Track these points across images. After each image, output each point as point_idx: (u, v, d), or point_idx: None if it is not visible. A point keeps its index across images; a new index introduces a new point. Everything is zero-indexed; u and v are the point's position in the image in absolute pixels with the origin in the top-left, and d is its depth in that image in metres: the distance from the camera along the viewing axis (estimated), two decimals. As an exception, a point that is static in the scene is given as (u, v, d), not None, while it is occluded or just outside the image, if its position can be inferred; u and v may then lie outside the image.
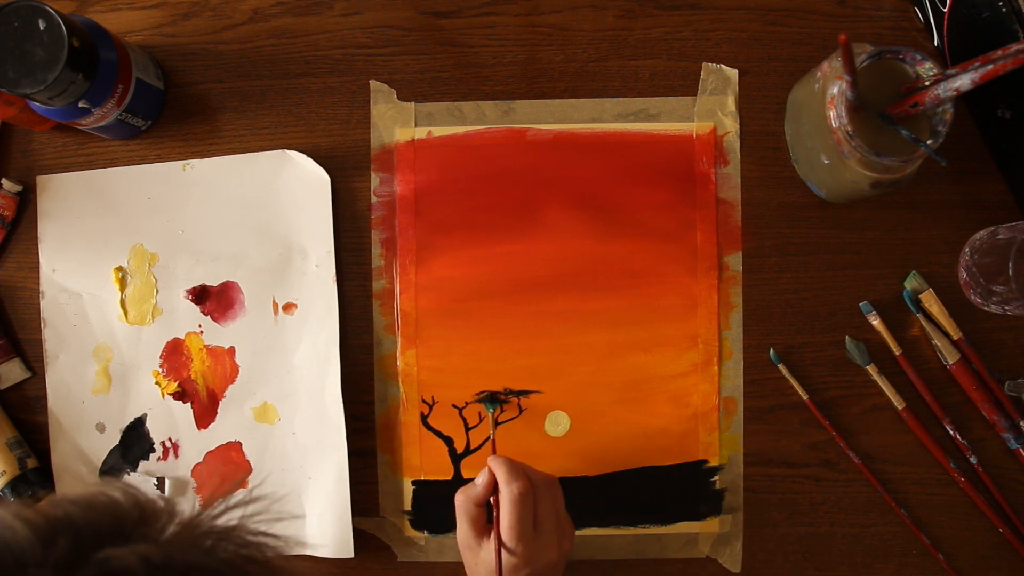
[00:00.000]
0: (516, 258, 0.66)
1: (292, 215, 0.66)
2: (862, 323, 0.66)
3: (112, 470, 0.67)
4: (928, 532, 0.66)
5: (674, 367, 0.66)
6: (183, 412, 0.67)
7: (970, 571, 0.66)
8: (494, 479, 0.57)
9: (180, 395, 0.66)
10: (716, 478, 0.66)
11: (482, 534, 0.56)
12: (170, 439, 0.67)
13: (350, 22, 0.67)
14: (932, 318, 0.65)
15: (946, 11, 0.61)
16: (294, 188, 0.66)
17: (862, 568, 0.66)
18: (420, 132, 0.67)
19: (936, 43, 0.64)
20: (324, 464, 0.65)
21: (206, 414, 0.67)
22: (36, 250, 0.67)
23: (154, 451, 0.67)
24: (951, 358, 0.64)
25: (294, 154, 0.66)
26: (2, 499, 0.65)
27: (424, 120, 0.67)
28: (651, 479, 0.66)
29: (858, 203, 0.66)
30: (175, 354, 0.67)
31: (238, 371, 0.66)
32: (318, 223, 0.66)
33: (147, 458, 0.67)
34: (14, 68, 0.55)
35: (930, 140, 0.55)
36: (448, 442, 0.66)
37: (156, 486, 0.66)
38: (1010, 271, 0.58)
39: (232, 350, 0.66)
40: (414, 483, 0.66)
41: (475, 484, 0.58)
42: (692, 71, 0.66)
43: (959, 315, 0.65)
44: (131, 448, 0.67)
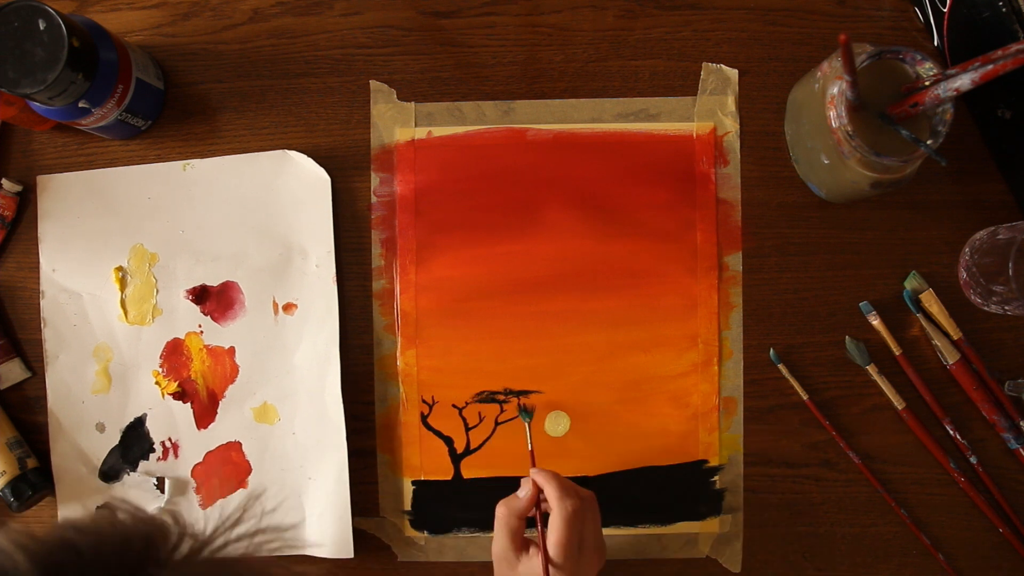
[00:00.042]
0: (516, 258, 0.66)
1: (292, 215, 0.66)
2: (862, 323, 0.66)
3: (112, 470, 0.67)
4: (928, 532, 0.66)
5: (674, 367, 0.66)
6: (183, 412, 0.67)
7: (970, 571, 0.66)
8: (537, 492, 0.57)
9: (180, 395, 0.66)
10: (716, 478, 0.66)
11: (521, 548, 0.55)
12: (170, 439, 0.67)
13: (350, 22, 0.67)
14: (932, 318, 0.65)
15: (946, 11, 0.61)
16: (294, 188, 0.66)
17: (862, 568, 0.66)
18: (420, 132, 0.67)
19: (936, 43, 0.64)
20: (324, 464, 0.65)
21: (206, 414, 0.67)
22: (36, 250, 0.67)
23: (154, 451, 0.67)
24: (951, 358, 0.64)
25: (294, 154, 0.66)
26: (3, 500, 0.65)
27: (424, 120, 0.67)
28: (651, 479, 0.66)
29: (858, 203, 0.66)
30: (175, 354, 0.67)
31: (238, 371, 0.66)
32: (318, 223, 0.66)
33: (147, 458, 0.67)
34: (14, 68, 0.55)
35: (930, 140, 0.55)
36: (448, 442, 0.66)
37: (156, 486, 0.66)
38: (1010, 271, 0.58)
39: (232, 350, 0.66)
40: (414, 483, 0.66)
41: (518, 497, 0.57)
42: (692, 71, 0.66)
43: (959, 315, 0.65)
44: (131, 448, 0.67)
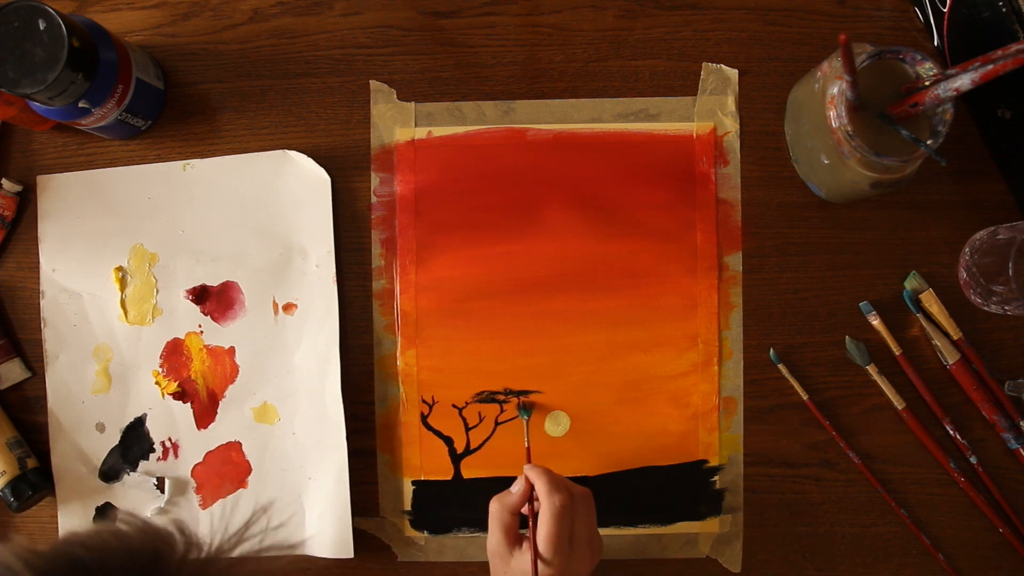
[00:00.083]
0: (516, 258, 0.66)
1: (292, 215, 0.66)
2: (862, 323, 0.66)
3: (112, 470, 0.67)
4: (928, 532, 0.66)
5: (674, 367, 0.66)
6: (183, 412, 0.67)
7: (970, 571, 0.66)
8: (530, 488, 0.57)
9: (180, 395, 0.66)
10: (716, 478, 0.66)
11: (514, 543, 0.56)
12: (170, 439, 0.67)
13: (350, 22, 0.67)
14: (932, 318, 0.65)
15: (946, 11, 0.61)
16: (294, 188, 0.66)
17: (862, 568, 0.66)
18: (420, 132, 0.67)
19: (936, 43, 0.64)
20: (324, 464, 0.65)
21: (206, 414, 0.67)
22: (36, 250, 0.67)
23: (154, 451, 0.67)
24: (951, 358, 0.64)
25: (294, 154, 0.66)
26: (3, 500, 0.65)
27: (424, 120, 0.67)
28: (651, 479, 0.66)
29: (858, 203, 0.66)
30: (175, 354, 0.67)
31: (238, 371, 0.66)
32: (318, 223, 0.66)
33: (147, 458, 0.67)
34: (14, 68, 0.55)
35: (930, 140, 0.55)
36: (448, 442, 0.66)
37: (156, 486, 0.66)
38: (1010, 271, 0.58)
39: (232, 350, 0.66)
40: (414, 483, 0.66)
41: (511, 492, 0.57)
42: (692, 71, 0.66)
43: (959, 315, 0.65)
44: (131, 448, 0.67)
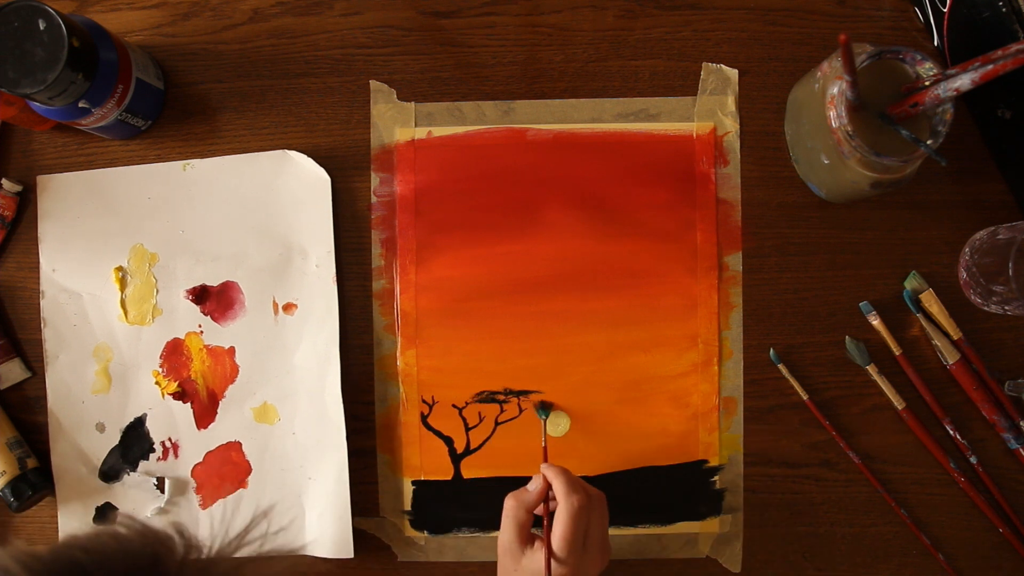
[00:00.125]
0: (516, 258, 0.66)
1: (292, 215, 0.66)
2: (862, 323, 0.66)
3: (112, 470, 0.67)
4: (928, 532, 0.66)
5: (674, 367, 0.66)
6: (183, 412, 0.67)
7: (970, 571, 0.66)
8: (547, 487, 0.57)
9: (180, 395, 0.66)
10: (716, 478, 0.66)
11: (526, 541, 0.56)
12: (170, 439, 0.67)
13: (350, 22, 0.67)
14: (932, 318, 0.65)
15: (946, 11, 0.61)
16: (294, 188, 0.66)
17: (862, 568, 0.66)
18: (420, 132, 0.67)
19: (936, 43, 0.64)
20: (324, 464, 0.65)
21: (206, 414, 0.67)
22: (36, 250, 0.67)
23: (154, 451, 0.67)
24: (951, 358, 0.64)
25: (294, 154, 0.66)
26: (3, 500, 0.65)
27: (424, 120, 0.67)
28: (651, 479, 0.66)
29: (858, 203, 0.66)
30: (175, 354, 0.67)
31: (238, 371, 0.66)
32: (318, 223, 0.66)
33: (147, 458, 0.67)
34: (14, 68, 0.55)
35: (930, 140, 0.55)
36: (448, 442, 0.66)
37: (156, 486, 0.66)
38: (1010, 271, 0.58)
39: (232, 350, 0.66)
40: (414, 483, 0.66)
41: (527, 490, 0.57)
42: (692, 71, 0.66)
43: (959, 315, 0.65)
44: (131, 448, 0.67)
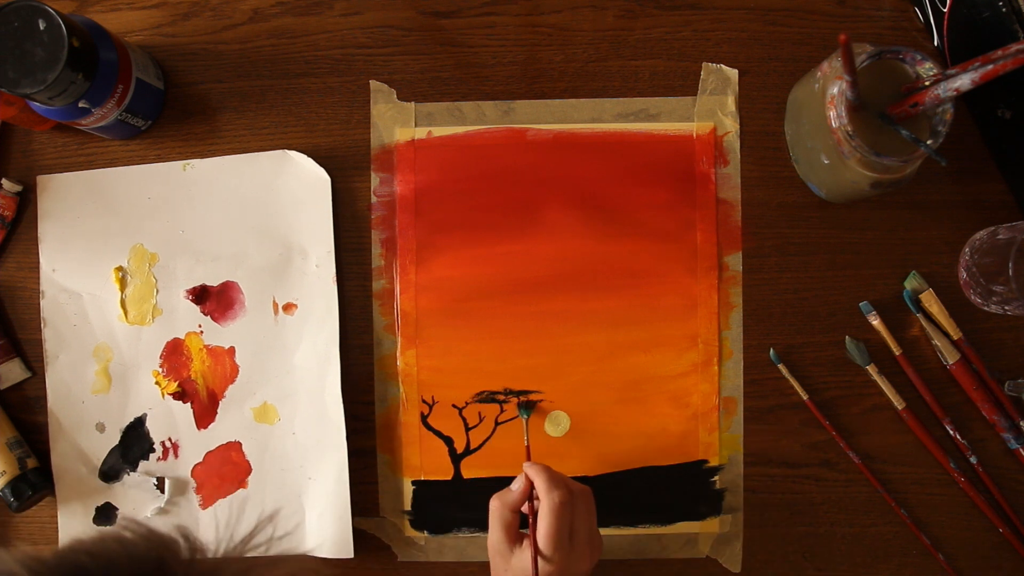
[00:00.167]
0: (516, 258, 0.66)
1: (292, 215, 0.66)
2: (862, 323, 0.66)
3: (112, 470, 0.67)
4: (928, 532, 0.66)
5: (674, 367, 0.66)
6: (183, 412, 0.67)
7: (970, 571, 0.66)
8: (530, 485, 0.57)
9: (180, 395, 0.66)
10: (716, 478, 0.66)
11: (514, 540, 0.56)
12: (170, 439, 0.67)
13: (350, 22, 0.67)
14: (932, 318, 0.65)
15: (946, 11, 0.61)
16: (294, 188, 0.66)
17: (862, 568, 0.66)
18: (420, 132, 0.67)
19: (936, 43, 0.64)
20: (324, 464, 0.65)
21: (206, 414, 0.67)
22: (36, 250, 0.67)
23: (154, 451, 0.67)
24: (951, 358, 0.64)
25: (294, 154, 0.66)
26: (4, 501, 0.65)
27: (424, 120, 0.67)
28: (651, 479, 0.66)
29: (858, 203, 0.66)
30: (175, 354, 0.67)
31: (238, 371, 0.66)
32: (318, 223, 0.66)
33: (147, 458, 0.67)
34: (14, 68, 0.55)
35: (930, 140, 0.55)
36: (448, 442, 0.66)
37: (156, 486, 0.66)
38: (1010, 271, 0.58)
39: (232, 350, 0.66)
40: (414, 483, 0.66)
41: (511, 490, 0.57)
42: (692, 71, 0.66)
43: (959, 315, 0.65)
44: (131, 448, 0.67)
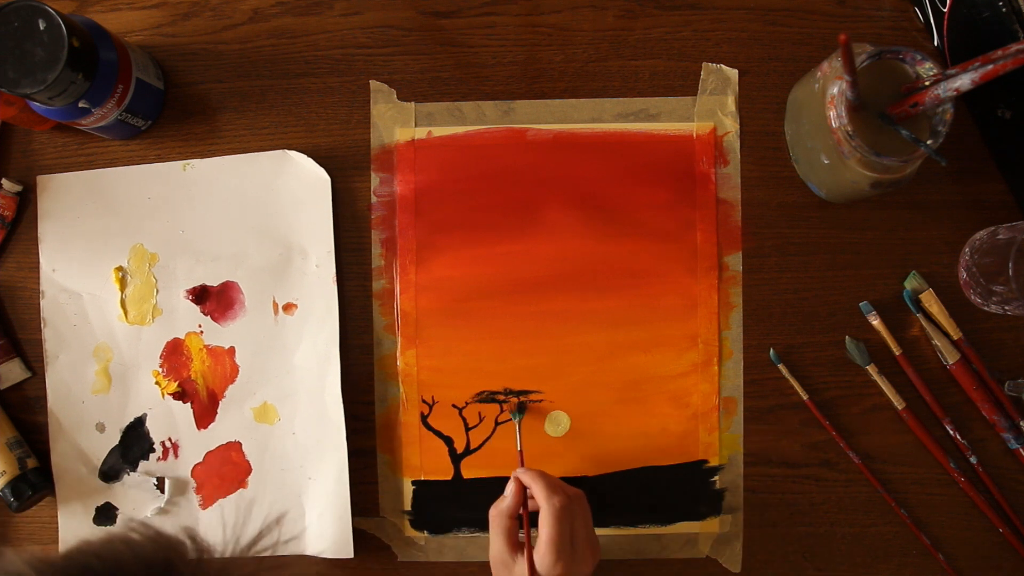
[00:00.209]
0: (516, 258, 0.66)
1: (292, 215, 0.66)
2: (862, 323, 0.66)
3: (112, 470, 0.67)
4: (928, 532, 0.66)
5: (674, 367, 0.66)
6: (183, 412, 0.67)
7: (970, 571, 0.66)
8: (522, 489, 0.57)
9: (180, 395, 0.66)
10: (716, 478, 0.66)
11: (515, 548, 0.56)
12: (170, 439, 0.67)
13: (350, 22, 0.67)
14: (932, 318, 0.65)
15: (946, 11, 0.61)
16: (294, 188, 0.66)
17: (862, 568, 0.66)
18: (420, 132, 0.67)
19: (936, 43, 0.64)
20: (324, 464, 0.65)
21: (206, 414, 0.67)
22: (36, 250, 0.67)
23: (154, 451, 0.67)
24: (951, 358, 0.64)
25: (294, 154, 0.66)
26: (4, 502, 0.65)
27: (424, 120, 0.67)
28: (651, 479, 0.66)
29: (858, 203, 0.66)
30: (175, 354, 0.67)
31: (238, 371, 0.66)
32: (318, 223, 0.66)
33: (147, 458, 0.67)
34: (14, 68, 0.55)
35: (930, 140, 0.55)
36: (448, 442, 0.66)
37: (156, 486, 0.66)
38: (1010, 271, 0.58)
39: (232, 350, 0.66)
40: (414, 483, 0.66)
41: (505, 496, 0.58)
42: (692, 71, 0.66)
43: (959, 315, 0.65)
44: (131, 448, 0.67)
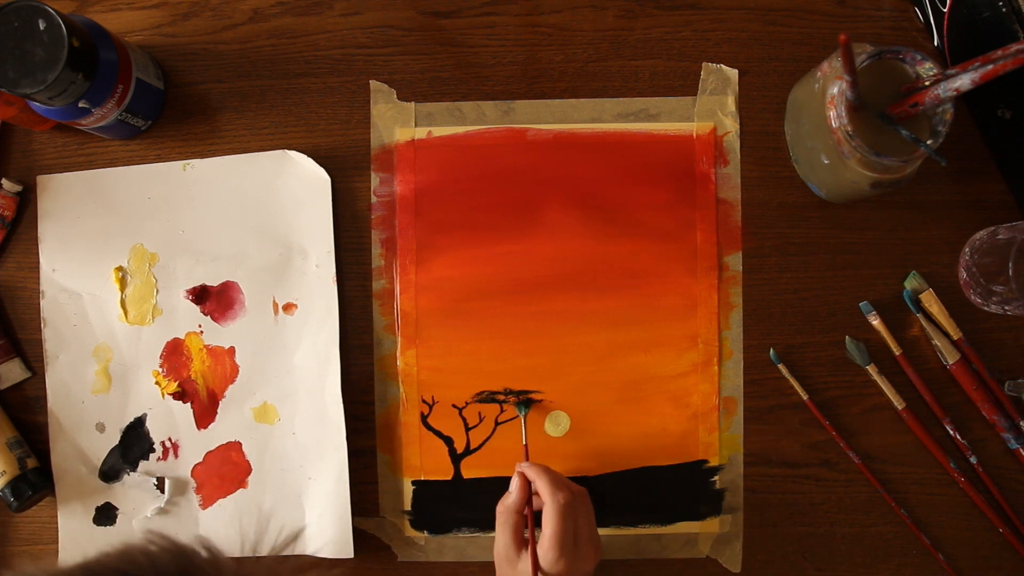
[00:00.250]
0: (516, 258, 0.66)
1: (292, 215, 0.66)
2: (862, 323, 0.66)
3: (112, 470, 0.67)
4: (928, 532, 0.66)
5: (674, 367, 0.66)
6: (183, 412, 0.67)
7: (970, 571, 0.66)
8: (528, 485, 0.57)
9: (180, 395, 0.66)
10: (716, 478, 0.66)
11: (520, 545, 0.56)
12: (170, 439, 0.67)
13: (350, 22, 0.67)
14: (932, 318, 0.65)
15: (946, 11, 0.61)
16: (294, 188, 0.66)
17: (862, 568, 0.66)
18: (420, 132, 0.67)
19: (936, 43, 0.64)
20: (324, 464, 0.65)
21: (206, 414, 0.67)
22: (36, 250, 0.67)
23: (154, 451, 0.67)
24: (951, 358, 0.64)
25: (294, 154, 0.66)
26: (5, 502, 0.65)
27: (424, 120, 0.67)
28: (651, 479, 0.66)
29: (858, 203, 0.66)
30: (175, 354, 0.67)
31: (238, 371, 0.66)
32: (318, 223, 0.66)
33: (147, 458, 0.67)
34: (14, 68, 0.55)
35: (930, 140, 0.55)
36: (448, 442, 0.66)
37: (156, 486, 0.66)
38: (1010, 271, 0.58)
39: (232, 350, 0.66)
40: (414, 483, 0.66)
41: (511, 493, 0.58)
42: (692, 71, 0.66)
43: (959, 315, 0.65)
44: (131, 448, 0.67)
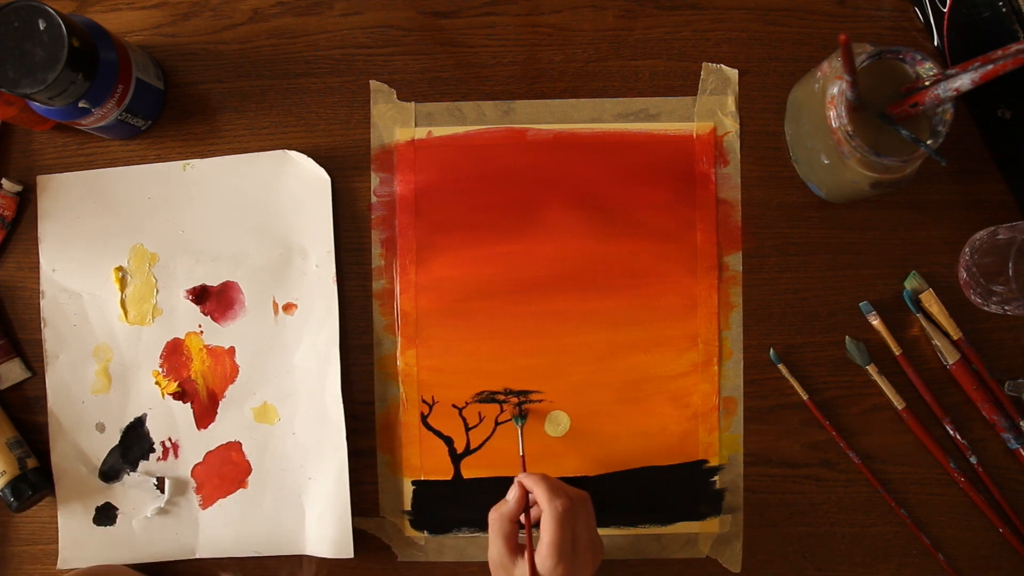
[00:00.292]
0: (516, 258, 0.66)
1: (292, 215, 0.66)
2: (862, 323, 0.66)
3: (112, 470, 0.67)
4: (928, 532, 0.66)
5: (674, 367, 0.66)
6: (183, 412, 0.67)
7: (970, 571, 0.66)
8: (525, 494, 0.57)
9: (180, 395, 0.66)
10: (716, 478, 0.66)
11: (516, 552, 0.55)
12: (170, 439, 0.67)
13: (350, 22, 0.67)
14: (932, 318, 0.65)
15: (946, 11, 0.61)
16: (294, 188, 0.66)
17: (862, 568, 0.66)
18: (420, 132, 0.67)
19: (936, 43, 0.65)
20: (324, 464, 0.65)
21: (206, 414, 0.67)
22: (36, 250, 0.67)
23: (154, 451, 0.67)
24: (951, 358, 0.64)
25: (294, 154, 0.66)
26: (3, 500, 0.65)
27: (424, 120, 0.67)
28: (651, 479, 0.66)
29: (858, 203, 0.66)
30: (175, 354, 0.67)
31: (238, 371, 0.66)
32: (318, 223, 0.66)
33: (147, 458, 0.67)
34: (14, 68, 0.55)
35: (930, 140, 0.55)
36: (448, 442, 0.66)
37: (156, 486, 0.66)
38: (1010, 271, 0.58)
39: (232, 350, 0.66)
40: (414, 483, 0.66)
41: (507, 500, 0.57)
42: (692, 71, 0.66)
43: (959, 315, 0.65)
44: (131, 448, 0.67)
